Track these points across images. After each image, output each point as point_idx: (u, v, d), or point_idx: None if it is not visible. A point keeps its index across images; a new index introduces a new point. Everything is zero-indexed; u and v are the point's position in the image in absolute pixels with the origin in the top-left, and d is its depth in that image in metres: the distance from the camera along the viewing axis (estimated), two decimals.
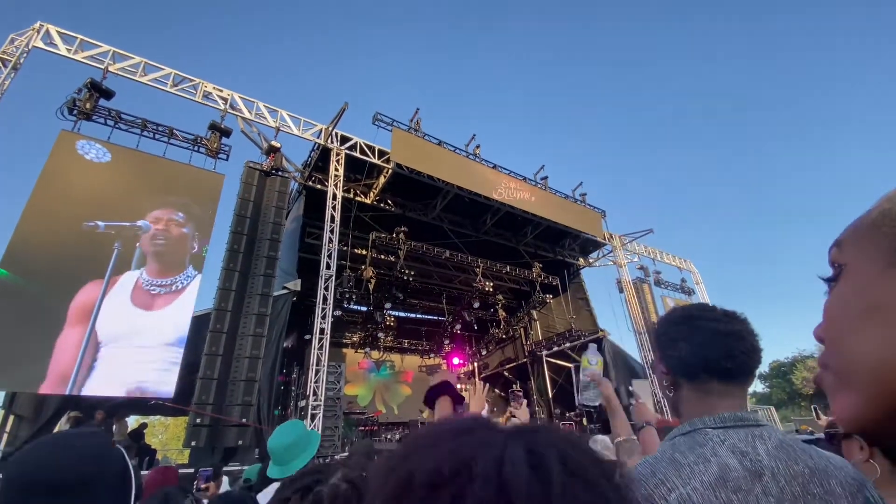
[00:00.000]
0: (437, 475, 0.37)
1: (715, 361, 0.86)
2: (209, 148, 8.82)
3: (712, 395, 0.86)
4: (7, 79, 7.55)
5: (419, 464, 0.39)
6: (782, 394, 34.55)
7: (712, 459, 0.76)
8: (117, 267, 7.28)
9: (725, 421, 0.82)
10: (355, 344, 17.27)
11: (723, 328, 0.88)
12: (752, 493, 0.72)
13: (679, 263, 17.81)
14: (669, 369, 0.93)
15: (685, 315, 0.94)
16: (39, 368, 6.29)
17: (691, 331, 0.90)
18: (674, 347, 0.90)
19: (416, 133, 11.00)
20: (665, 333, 0.94)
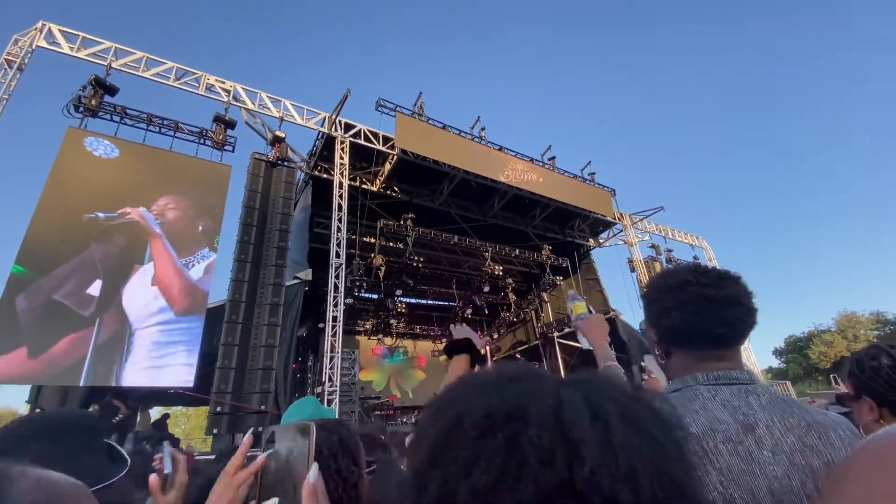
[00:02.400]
0: (490, 418, 0.37)
1: (709, 329, 0.83)
2: (215, 140, 8.84)
3: (707, 360, 0.84)
4: (13, 80, 7.60)
5: (469, 407, 0.39)
6: (798, 369, 34.27)
7: (701, 412, 0.75)
8: (129, 259, 7.41)
9: (717, 379, 0.81)
10: (368, 331, 17.45)
11: (716, 294, 0.84)
12: (743, 444, 0.71)
13: (691, 241, 17.58)
14: (661, 339, 0.91)
15: (679, 282, 0.89)
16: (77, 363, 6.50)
17: (684, 299, 0.85)
18: (667, 317, 0.87)
19: (420, 118, 10.90)
20: (657, 301, 0.90)
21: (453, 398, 0.42)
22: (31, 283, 6.59)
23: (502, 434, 0.35)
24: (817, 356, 32.13)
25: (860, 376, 1.14)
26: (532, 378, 0.41)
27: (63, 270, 6.90)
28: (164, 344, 7.24)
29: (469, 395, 0.41)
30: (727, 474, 0.68)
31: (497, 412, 0.37)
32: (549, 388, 0.39)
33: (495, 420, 0.36)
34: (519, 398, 0.38)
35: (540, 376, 0.42)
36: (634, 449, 0.34)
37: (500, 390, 0.40)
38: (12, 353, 6.19)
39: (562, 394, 0.38)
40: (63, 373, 6.49)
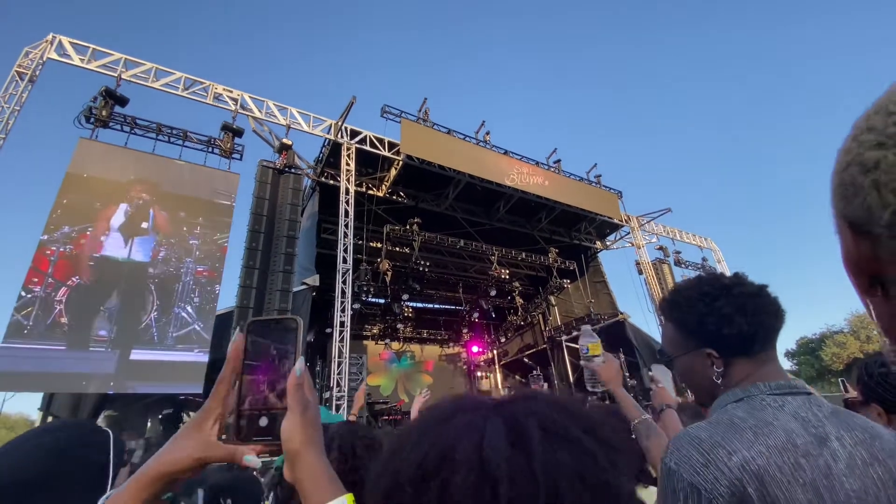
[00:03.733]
0: (422, 469, 0.37)
1: (771, 325, 0.83)
2: (223, 149, 8.94)
3: (765, 364, 0.83)
4: (24, 91, 7.75)
5: (405, 460, 0.39)
6: (811, 370, 33.73)
7: (775, 423, 0.72)
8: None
9: (781, 388, 0.78)
10: (375, 336, 17.44)
11: (754, 290, 0.84)
12: (821, 457, 0.68)
13: (699, 242, 17.43)
14: (723, 351, 0.85)
15: (721, 288, 0.86)
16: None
17: (740, 303, 0.83)
18: (730, 324, 0.82)
19: (425, 123, 10.94)
20: (710, 311, 0.85)
21: (395, 449, 0.42)
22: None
23: (435, 483, 0.36)
24: (830, 357, 31.62)
25: (869, 382, 1.13)
26: (463, 412, 0.41)
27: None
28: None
29: (407, 445, 0.41)
30: (813, 491, 0.65)
31: (428, 461, 0.37)
32: (477, 422, 0.39)
33: (427, 470, 0.37)
34: (447, 441, 0.38)
35: (473, 409, 0.41)
36: (559, 466, 0.35)
37: (432, 434, 0.40)
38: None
39: (486, 427, 0.38)
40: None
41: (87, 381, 6.68)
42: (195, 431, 0.54)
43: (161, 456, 0.53)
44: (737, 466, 0.66)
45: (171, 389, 7.46)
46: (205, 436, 0.54)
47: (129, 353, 6.97)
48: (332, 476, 0.53)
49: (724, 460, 0.67)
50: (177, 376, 7.26)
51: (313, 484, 0.51)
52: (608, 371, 1.51)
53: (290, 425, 0.53)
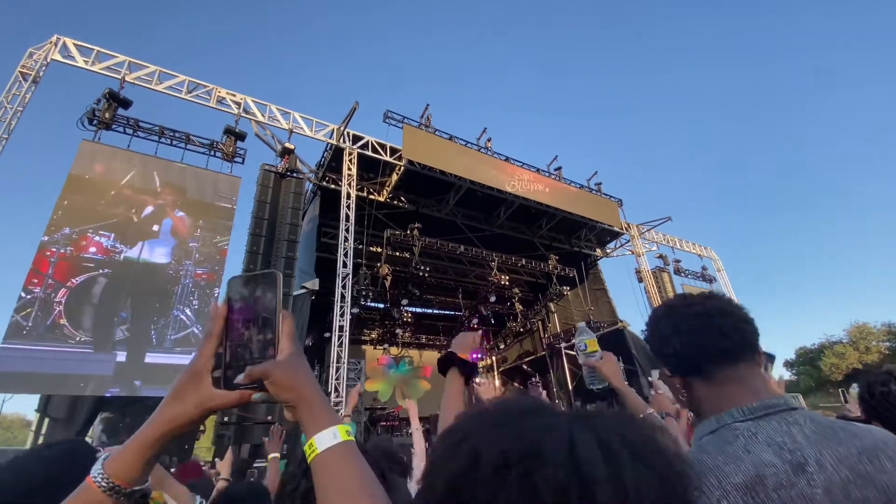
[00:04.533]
0: (505, 456, 0.38)
1: (710, 344, 0.79)
2: (225, 152, 8.96)
3: (728, 384, 0.79)
4: (28, 92, 7.77)
5: (484, 444, 0.40)
6: (810, 381, 33.63)
7: (745, 457, 0.68)
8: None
9: (754, 412, 0.74)
10: (374, 340, 17.40)
11: (701, 309, 0.82)
12: (795, 487, 0.64)
13: (699, 251, 17.46)
14: (673, 370, 0.86)
15: (665, 309, 0.88)
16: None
17: (675, 322, 0.83)
18: (667, 345, 0.83)
19: (427, 129, 10.99)
20: (654, 334, 0.88)
21: (467, 432, 0.43)
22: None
23: (517, 471, 0.36)
24: (829, 368, 31.54)
25: (870, 402, 1.13)
26: (544, 414, 0.42)
27: None
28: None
29: (483, 431, 0.42)
30: None
31: (512, 450, 0.38)
32: (562, 425, 0.40)
33: (511, 458, 0.37)
34: (533, 436, 0.39)
35: (552, 413, 0.43)
36: (645, 486, 0.36)
37: (514, 426, 0.41)
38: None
39: (574, 431, 0.39)
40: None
41: (84, 383, 6.67)
42: (192, 386, 0.56)
43: (162, 415, 0.54)
44: None
45: (165, 393, 7.40)
46: (205, 388, 0.56)
47: (128, 355, 6.96)
48: (328, 407, 0.56)
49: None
50: (172, 379, 7.21)
51: (311, 415, 0.55)
52: (608, 366, 1.49)
53: (284, 365, 0.56)
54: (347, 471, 0.51)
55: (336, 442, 0.53)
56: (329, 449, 0.52)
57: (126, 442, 0.54)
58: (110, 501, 0.51)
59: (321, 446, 0.52)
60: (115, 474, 0.51)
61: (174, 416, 0.54)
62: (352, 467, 0.51)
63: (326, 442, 0.53)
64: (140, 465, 0.53)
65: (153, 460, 0.55)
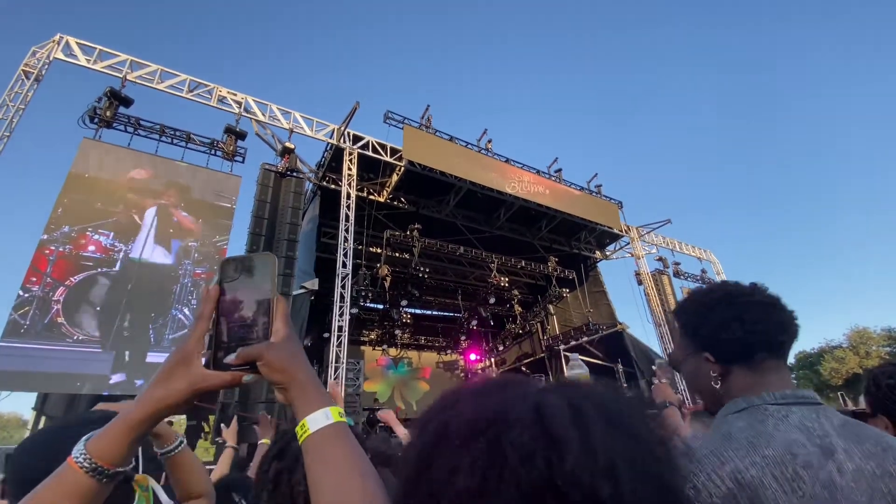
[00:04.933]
0: (473, 423, 0.38)
1: (774, 335, 0.81)
2: (225, 151, 8.97)
3: (768, 373, 0.80)
4: (30, 90, 7.78)
5: (454, 414, 0.40)
6: (809, 385, 33.60)
7: (776, 434, 0.69)
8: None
9: (786, 398, 0.75)
10: (373, 341, 17.39)
11: (765, 299, 0.83)
12: (823, 469, 0.65)
13: (699, 254, 17.46)
14: (719, 357, 0.84)
15: (724, 295, 0.86)
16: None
17: (740, 309, 0.82)
18: (726, 330, 0.82)
19: (428, 130, 11.00)
20: (709, 317, 0.85)
21: (441, 407, 0.43)
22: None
23: (484, 438, 0.36)
24: (829, 372, 31.54)
25: (877, 394, 1.13)
26: (516, 385, 0.42)
27: None
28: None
29: (455, 404, 0.42)
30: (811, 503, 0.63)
31: (480, 417, 0.38)
32: (532, 392, 0.40)
33: (478, 425, 0.37)
34: (502, 403, 0.39)
35: (524, 383, 0.42)
36: (615, 447, 0.35)
37: (485, 398, 0.41)
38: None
39: (543, 397, 0.38)
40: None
41: (81, 382, 6.64)
42: (183, 367, 0.54)
43: (151, 395, 0.53)
44: (728, 476, 0.64)
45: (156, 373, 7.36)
46: (196, 369, 0.55)
47: (123, 354, 6.93)
48: (319, 389, 0.56)
49: (714, 469, 0.65)
50: None
51: (302, 396, 0.55)
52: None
53: (276, 347, 0.56)
54: (339, 451, 0.51)
55: (328, 422, 0.52)
56: (321, 429, 0.52)
57: (111, 421, 0.53)
58: (92, 483, 0.49)
59: (313, 427, 0.52)
60: (99, 454, 0.50)
61: (163, 396, 0.53)
62: (343, 448, 0.51)
63: (319, 422, 0.52)
64: (125, 446, 0.52)
65: (138, 441, 0.53)
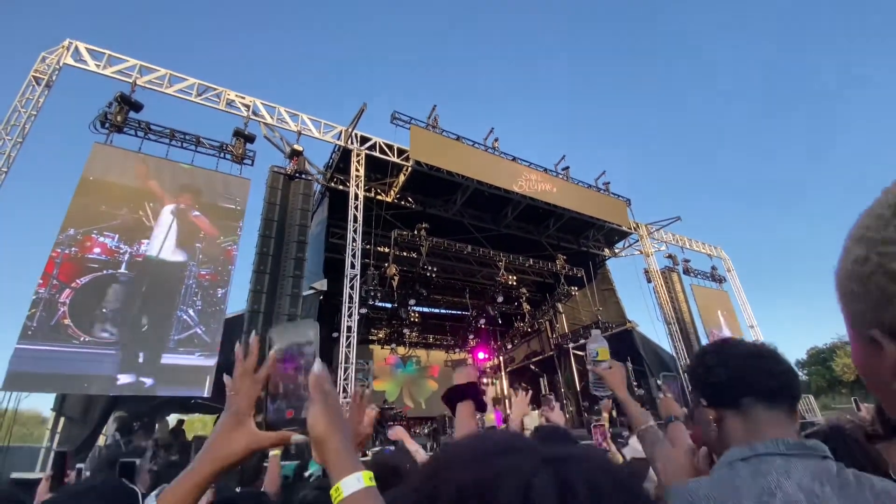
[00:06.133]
0: (461, 493, 0.38)
1: (756, 381, 0.81)
2: (234, 154, 9.03)
3: (760, 424, 0.80)
4: (41, 96, 7.90)
5: (446, 480, 0.41)
6: (821, 381, 33.25)
7: (777, 494, 0.69)
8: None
9: (790, 448, 0.74)
10: (381, 340, 17.48)
11: (753, 350, 0.87)
12: None
13: (709, 251, 17.29)
14: (710, 401, 0.87)
15: (716, 345, 0.94)
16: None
17: (725, 356, 0.87)
18: (711, 374, 0.86)
19: (434, 130, 11.00)
20: (699, 365, 0.91)
21: (438, 466, 0.44)
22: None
23: None
24: (841, 368, 31.16)
25: (891, 421, 1.12)
26: (513, 453, 0.41)
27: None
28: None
29: (451, 465, 0.42)
30: None
31: (468, 488, 0.38)
32: (526, 466, 0.39)
33: (465, 496, 0.37)
34: (492, 475, 0.38)
35: (522, 452, 0.41)
36: None
37: (479, 464, 0.41)
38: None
39: (536, 474, 0.38)
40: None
41: (88, 383, 6.68)
42: (239, 430, 0.62)
43: (213, 456, 0.60)
44: None
45: (171, 392, 7.40)
46: (251, 431, 0.63)
47: (130, 355, 6.99)
48: (352, 455, 0.62)
49: None
50: (178, 379, 7.24)
51: (337, 462, 0.60)
52: (614, 376, 1.55)
53: (313, 414, 0.62)
54: None
55: (360, 487, 0.57)
56: (354, 493, 0.57)
57: (178, 480, 0.59)
58: None
59: (347, 490, 0.57)
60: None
61: (224, 457, 0.60)
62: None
63: (351, 487, 0.57)
64: (194, 501, 0.59)
65: (201, 496, 0.60)
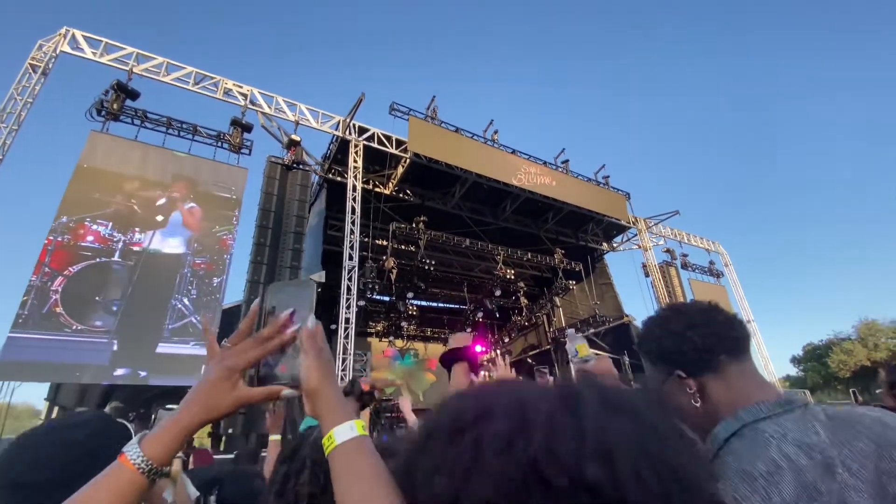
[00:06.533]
0: (457, 421, 0.37)
1: (725, 336, 0.81)
2: (232, 143, 8.98)
3: (738, 380, 0.79)
4: (38, 84, 7.82)
5: (448, 410, 0.40)
6: (817, 377, 33.44)
7: (784, 464, 0.66)
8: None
9: (773, 409, 0.73)
10: (379, 333, 17.49)
11: (705, 306, 0.86)
12: (833, 493, 0.63)
13: (707, 245, 17.32)
14: (689, 370, 0.83)
15: (671, 311, 0.90)
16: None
17: (688, 318, 0.84)
18: (683, 341, 0.82)
19: (433, 121, 10.93)
20: (664, 334, 0.86)
21: (440, 408, 0.43)
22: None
23: (469, 434, 0.35)
24: (837, 365, 31.33)
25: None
26: (515, 384, 0.41)
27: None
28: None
29: (454, 401, 0.41)
30: None
31: (466, 414, 0.37)
32: (525, 388, 0.38)
33: (463, 421, 0.36)
34: (490, 399, 0.37)
35: (526, 383, 0.40)
36: (611, 429, 0.32)
37: (474, 394, 0.40)
38: None
39: (532, 390, 0.36)
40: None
41: (80, 372, 6.65)
42: (228, 384, 0.61)
43: (200, 406, 0.59)
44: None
45: (165, 382, 7.37)
46: (239, 385, 0.62)
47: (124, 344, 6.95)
48: (344, 405, 0.62)
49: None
50: (172, 369, 7.20)
51: (329, 412, 0.60)
52: (601, 369, 1.52)
53: (307, 367, 0.63)
54: (364, 462, 0.55)
55: (353, 435, 0.57)
56: (347, 441, 0.56)
57: (161, 425, 0.58)
58: (146, 482, 0.54)
59: (339, 438, 0.57)
60: (154, 457, 0.55)
61: (210, 409, 0.59)
62: (368, 458, 0.55)
63: (344, 435, 0.57)
64: (176, 449, 0.58)
65: (183, 445, 0.60)
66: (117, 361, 6.83)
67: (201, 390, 0.60)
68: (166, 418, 0.59)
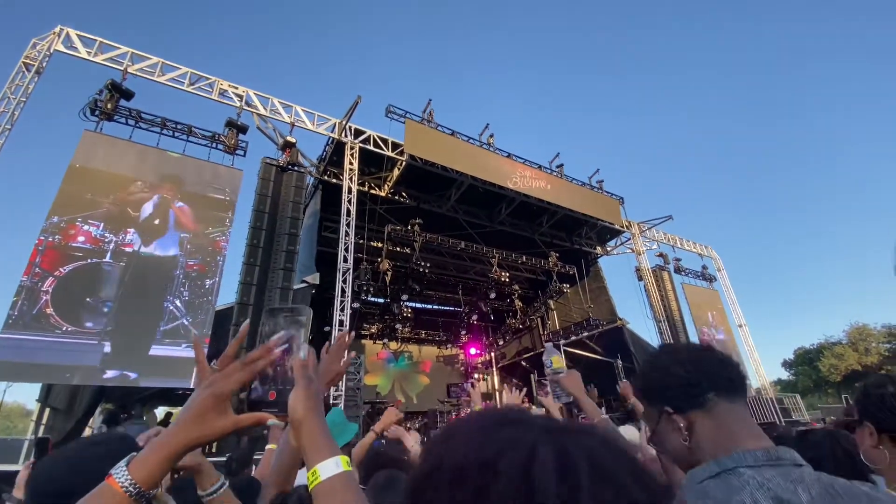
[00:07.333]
0: (463, 465, 0.38)
1: (715, 374, 0.81)
2: (227, 145, 8.95)
3: (729, 421, 0.78)
4: (31, 83, 7.76)
5: (450, 451, 0.41)
6: (808, 381, 33.74)
7: None
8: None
9: (759, 460, 0.71)
10: (374, 335, 17.47)
11: (700, 346, 0.89)
12: None
13: (700, 250, 17.45)
14: (676, 406, 0.82)
15: (662, 349, 0.93)
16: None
17: (677, 355, 0.86)
18: (670, 375, 0.83)
19: (429, 124, 10.96)
20: (653, 369, 0.88)
21: (447, 436, 0.43)
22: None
23: (472, 483, 0.36)
24: (827, 369, 31.63)
25: (865, 402, 1.16)
26: (516, 426, 0.41)
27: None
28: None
29: (457, 436, 0.42)
30: None
31: (471, 460, 0.38)
32: (527, 439, 0.39)
33: (468, 468, 0.37)
34: (495, 447, 0.38)
35: (525, 425, 0.41)
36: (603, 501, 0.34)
37: (482, 436, 0.40)
38: None
39: (538, 446, 0.38)
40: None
41: (70, 374, 6.56)
42: (217, 411, 0.62)
43: (187, 432, 0.59)
44: None
45: (157, 383, 7.30)
46: (228, 412, 0.63)
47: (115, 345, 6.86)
48: (329, 440, 0.62)
49: None
50: (164, 371, 7.14)
51: (313, 446, 0.60)
52: (570, 381, 1.72)
53: (295, 397, 0.63)
54: (350, 498, 0.56)
55: (339, 471, 0.57)
56: (331, 477, 0.57)
57: (149, 448, 0.58)
58: (130, 503, 0.54)
59: (324, 474, 0.57)
60: (142, 480, 0.55)
61: (197, 437, 0.60)
62: (354, 494, 0.57)
63: (329, 471, 0.57)
64: (164, 472, 0.58)
65: (170, 469, 0.59)
66: (108, 363, 6.74)
67: (189, 417, 0.60)
68: (155, 440, 0.59)
